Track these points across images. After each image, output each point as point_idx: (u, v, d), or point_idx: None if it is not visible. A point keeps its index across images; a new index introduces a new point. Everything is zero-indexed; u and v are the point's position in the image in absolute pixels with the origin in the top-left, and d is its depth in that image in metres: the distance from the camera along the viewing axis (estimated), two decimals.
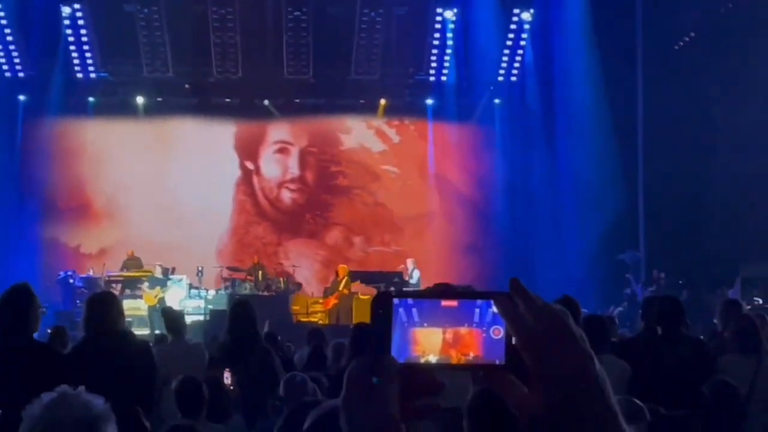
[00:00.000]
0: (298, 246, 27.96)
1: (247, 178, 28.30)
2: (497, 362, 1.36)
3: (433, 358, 1.37)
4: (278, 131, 28.41)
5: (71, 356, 6.01)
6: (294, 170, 28.34)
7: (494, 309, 1.36)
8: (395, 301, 1.38)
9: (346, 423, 1.30)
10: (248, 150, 28.29)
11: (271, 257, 26.33)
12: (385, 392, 1.30)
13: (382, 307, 1.37)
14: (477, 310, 1.38)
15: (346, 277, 22.73)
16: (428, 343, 1.37)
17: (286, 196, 28.31)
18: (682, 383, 6.78)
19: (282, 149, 28.41)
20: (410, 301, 1.38)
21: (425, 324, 1.38)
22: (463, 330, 1.38)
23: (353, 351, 7.30)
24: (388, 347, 1.36)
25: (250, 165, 28.28)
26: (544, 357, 1.27)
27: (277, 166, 28.41)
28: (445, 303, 1.39)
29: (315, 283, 26.34)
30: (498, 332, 1.37)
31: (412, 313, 1.38)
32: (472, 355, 1.37)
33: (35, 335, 6.12)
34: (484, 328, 1.38)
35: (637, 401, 3.96)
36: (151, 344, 10.35)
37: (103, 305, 6.31)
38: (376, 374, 1.32)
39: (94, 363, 5.56)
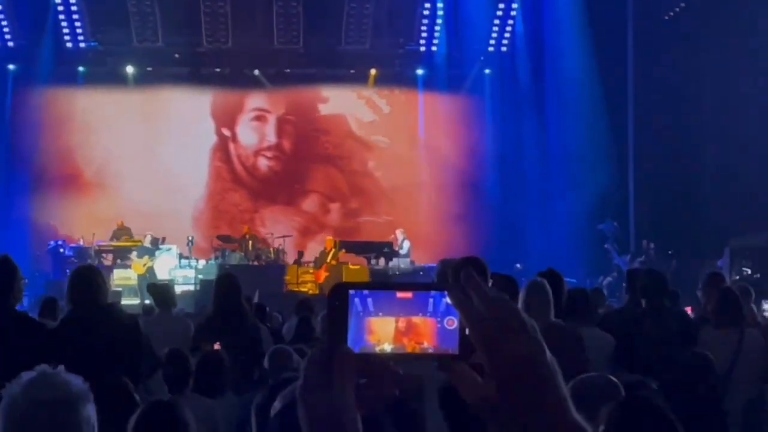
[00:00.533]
0: (275, 213, 27.94)
1: (223, 145, 28.28)
2: (451, 351, 1.40)
3: (387, 347, 1.41)
4: (257, 99, 28.38)
5: (56, 330, 5.97)
6: (271, 138, 28.30)
7: (448, 300, 1.39)
8: (351, 291, 1.42)
9: (304, 411, 1.34)
10: (225, 117, 28.25)
11: (247, 224, 26.38)
12: (341, 381, 1.34)
13: (338, 298, 1.40)
14: (431, 300, 1.41)
15: (333, 249, 22.73)
16: (383, 332, 1.41)
17: (263, 163, 28.27)
18: (664, 356, 6.83)
19: (260, 117, 28.36)
20: (366, 291, 1.42)
21: (380, 314, 1.41)
22: (417, 319, 1.41)
23: None
24: (344, 338, 1.39)
25: (226, 132, 28.22)
26: (496, 347, 1.30)
27: (254, 134, 28.39)
28: (400, 294, 1.42)
29: (292, 251, 26.30)
30: (452, 323, 1.40)
31: (368, 303, 1.41)
32: (425, 344, 1.41)
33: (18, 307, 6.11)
34: (438, 318, 1.41)
35: (613, 378, 4.00)
36: (139, 315, 10.42)
37: (86, 279, 6.28)
38: (333, 364, 1.35)
39: (79, 337, 5.55)
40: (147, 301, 16.64)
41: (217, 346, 7.22)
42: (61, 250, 23.58)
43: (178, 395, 6.05)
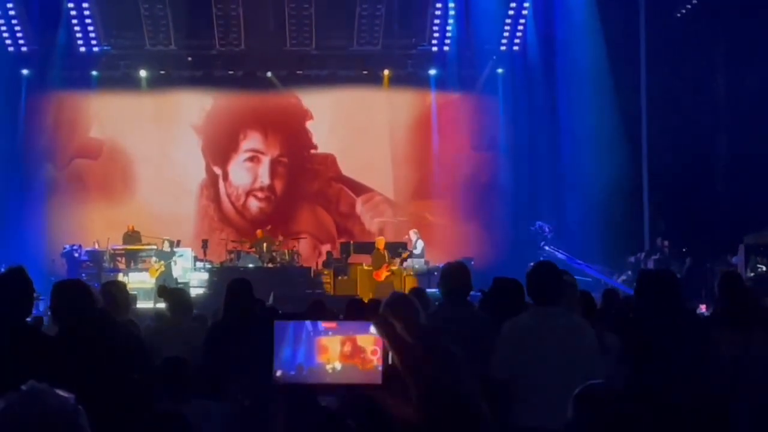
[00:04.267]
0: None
1: (212, 183, 28.16)
2: (373, 382, 1.42)
3: (338, 366, 1.43)
4: (252, 141, 28.34)
5: (58, 341, 5.92)
6: (264, 179, 28.20)
7: (372, 329, 1.41)
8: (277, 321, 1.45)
9: None
10: (217, 155, 28.15)
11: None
12: (269, 410, 1.37)
13: (267, 330, 1.43)
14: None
15: (386, 250, 22.59)
16: (333, 351, 1.44)
17: (254, 204, 28.16)
18: (672, 357, 6.80)
19: (253, 158, 28.23)
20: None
21: (330, 333, 1.44)
22: (363, 338, 1.44)
23: None
24: (271, 369, 1.42)
25: (217, 170, 28.13)
26: (424, 374, 1.32)
27: (247, 174, 28.29)
28: (325, 324, 1.46)
29: (307, 254, 26.30)
30: (375, 352, 1.43)
31: (318, 324, 1.44)
32: (375, 360, 1.44)
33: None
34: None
35: (612, 384, 4.00)
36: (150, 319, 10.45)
37: (76, 292, 6.22)
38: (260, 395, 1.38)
39: (81, 347, 5.53)
40: (159, 305, 16.68)
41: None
42: (76, 254, 23.71)
43: (178, 404, 6.03)
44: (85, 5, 25.86)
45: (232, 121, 28.01)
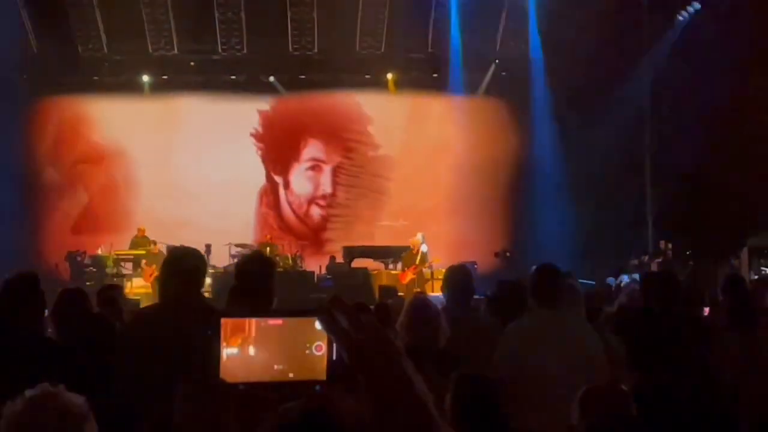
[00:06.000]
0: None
1: (273, 190, 28.42)
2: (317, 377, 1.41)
3: (283, 363, 1.43)
4: (312, 149, 28.56)
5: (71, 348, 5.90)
6: (327, 188, 28.53)
7: (317, 325, 1.40)
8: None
9: None
10: (278, 164, 28.45)
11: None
12: (220, 414, 1.36)
13: (212, 328, 1.41)
14: None
15: (419, 251, 22.51)
16: (279, 348, 1.43)
17: (316, 212, 28.34)
18: (676, 359, 6.81)
19: (315, 167, 28.48)
20: None
21: (275, 330, 1.43)
22: (309, 334, 1.44)
23: None
24: (218, 369, 1.39)
25: (278, 179, 28.38)
26: (372, 369, 1.32)
27: (309, 183, 28.58)
28: (271, 321, 1.45)
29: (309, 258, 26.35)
30: (320, 348, 1.41)
31: (265, 321, 1.43)
32: (320, 357, 1.44)
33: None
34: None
35: (623, 386, 3.99)
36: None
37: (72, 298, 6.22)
38: (207, 397, 1.36)
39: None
40: None
41: None
42: (79, 258, 23.67)
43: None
44: (87, 10, 25.84)
45: (292, 129, 28.24)
